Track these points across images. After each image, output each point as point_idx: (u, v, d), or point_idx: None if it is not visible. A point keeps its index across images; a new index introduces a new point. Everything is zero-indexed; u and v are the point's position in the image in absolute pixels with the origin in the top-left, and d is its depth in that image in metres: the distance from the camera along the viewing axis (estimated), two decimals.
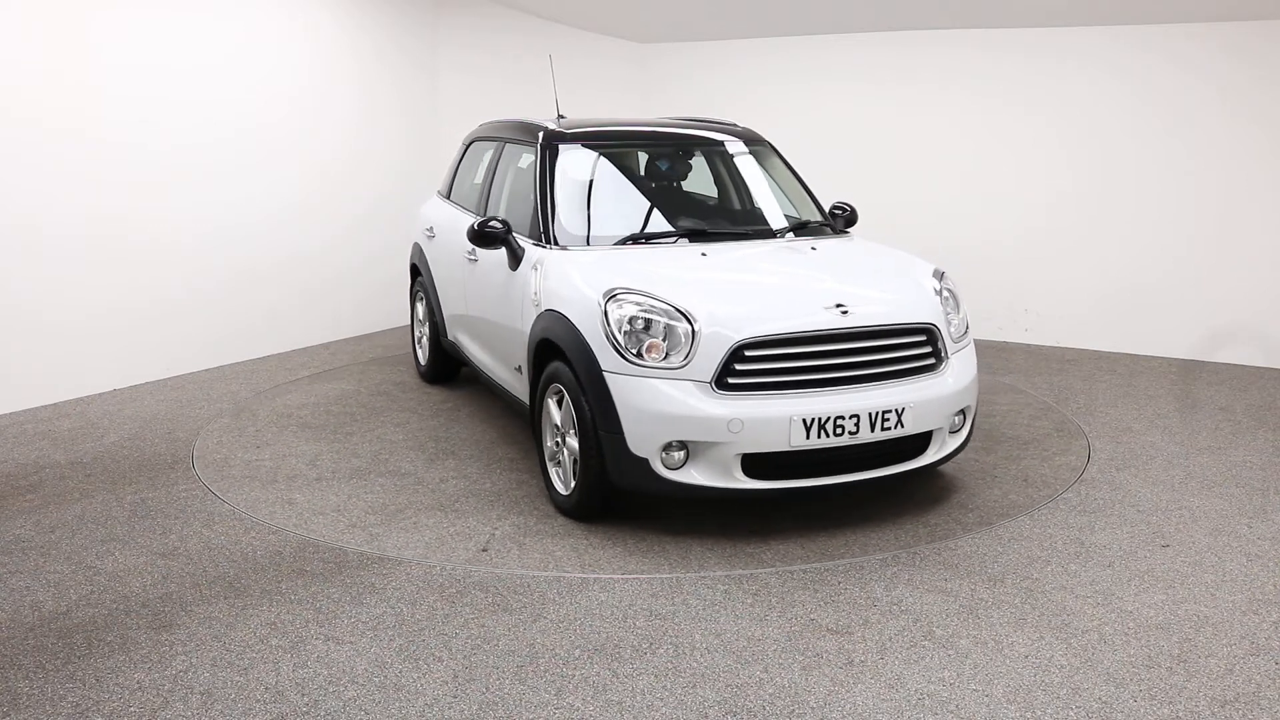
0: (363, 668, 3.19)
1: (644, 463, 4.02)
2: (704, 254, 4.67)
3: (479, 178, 6.10)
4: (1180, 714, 2.95)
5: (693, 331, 3.99)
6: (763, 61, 8.81)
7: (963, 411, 4.42)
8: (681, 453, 4.01)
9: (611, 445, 4.07)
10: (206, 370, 6.97)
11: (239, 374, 6.89)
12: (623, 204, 5.21)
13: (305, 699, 3.02)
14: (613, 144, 5.49)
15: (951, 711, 2.95)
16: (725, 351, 3.96)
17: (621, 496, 4.36)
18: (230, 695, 3.03)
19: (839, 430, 3.99)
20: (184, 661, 3.23)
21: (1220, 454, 5.27)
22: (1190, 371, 7.00)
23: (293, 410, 6.11)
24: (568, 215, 4.94)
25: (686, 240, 4.89)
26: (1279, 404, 6.18)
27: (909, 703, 3.00)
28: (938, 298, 4.45)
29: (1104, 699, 3.02)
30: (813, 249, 4.87)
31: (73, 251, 6.13)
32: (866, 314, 4.16)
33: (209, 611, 3.56)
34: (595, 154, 5.33)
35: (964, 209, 8.10)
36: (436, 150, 8.86)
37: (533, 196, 5.08)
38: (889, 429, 4.08)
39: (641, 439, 4.00)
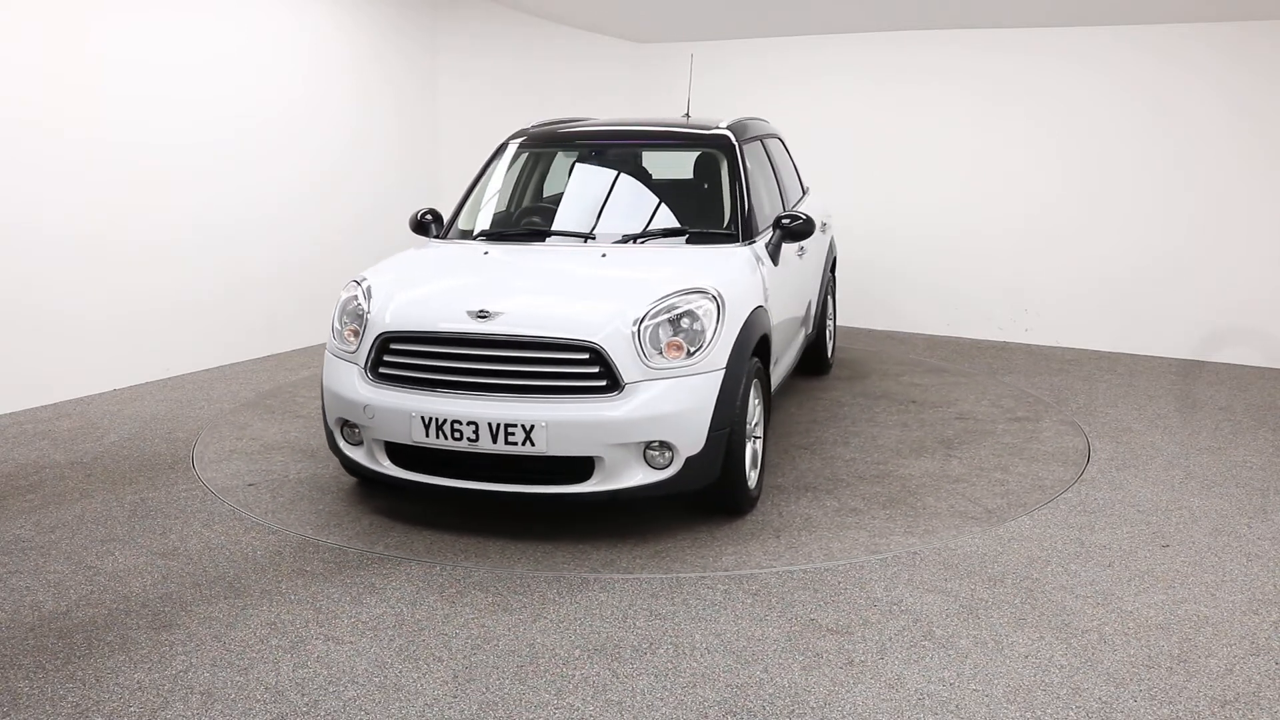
0: (363, 668, 3.19)
1: (331, 435, 4.42)
2: (486, 252, 4.84)
3: None
4: (1180, 714, 2.95)
5: (366, 320, 4.27)
6: (762, 61, 8.80)
7: (668, 447, 3.98)
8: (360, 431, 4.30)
9: (323, 417, 4.50)
10: (206, 370, 6.97)
11: (239, 374, 6.89)
12: (518, 202, 5.49)
13: (305, 699, 3.02)
14: (568, 145, 5.65)
15: (951, 711, 2.95)
16: (373, 341, 4.20)
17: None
18: (230, 695, 3.03)
19: (457, 434, 3.95)
20: (184, 661, 3.23)
21: (1220, 454, 5.27)
22: (1190, 371, 7.00)
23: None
24: (473, 210, 5.27)
25: (540, 241, 5.04)
26: (1279, 404, 6.18)
27: (909, 703, 3.00)
28: (639, 319, 4.00)
29: (1104, 699, 3.02)
30: (603, 255, 4.68)
31: (73, 251, 6.13)
32: (511, 324, 4.00)
33: (209, 611, 3.56)
34: (543, 155, 5.56)
35: (964, 209, 8.09)
36: (434, 150, 8.86)
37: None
38: (514, 444, 3.90)
39: (328, 413, 4.40)
